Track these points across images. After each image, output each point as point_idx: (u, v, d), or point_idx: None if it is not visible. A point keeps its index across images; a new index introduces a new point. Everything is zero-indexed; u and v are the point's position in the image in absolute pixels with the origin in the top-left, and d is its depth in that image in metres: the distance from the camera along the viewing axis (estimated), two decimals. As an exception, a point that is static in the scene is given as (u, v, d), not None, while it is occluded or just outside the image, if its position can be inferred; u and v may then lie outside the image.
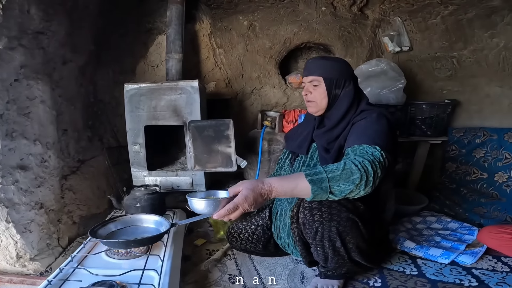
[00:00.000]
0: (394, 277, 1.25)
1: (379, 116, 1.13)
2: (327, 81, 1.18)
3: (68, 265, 1.08)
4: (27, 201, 1.34)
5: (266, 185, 0.95)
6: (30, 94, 1.34)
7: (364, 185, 0.93)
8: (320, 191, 0.93)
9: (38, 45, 1.36)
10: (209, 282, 1.25)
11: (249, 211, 0.96)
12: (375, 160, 0.97)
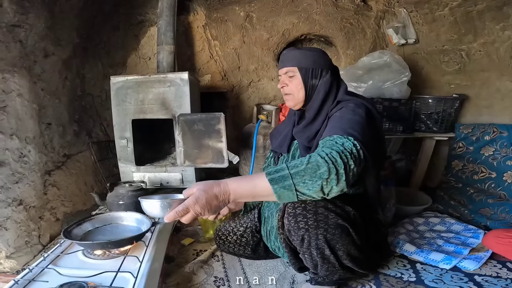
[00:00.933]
0: (391, 283, 1.16)
1: (357, 105, 1.03)
2: (302, 71, 1.11)
3: (39, 265, 1.02)
4: (3, 198, 1.29)
5: (222, 187, 0.86)
6: (6, 88, 1.29)
7: (336, 180, 0.82)
8: (284, 191, 0.83)
9: (14, 38, 1.31)
10: (192, 284, 1.18)
11: (217, 215, 0.92)
12: (346, 150, 0.86)
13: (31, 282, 0.93)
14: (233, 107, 2.42)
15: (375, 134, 1.02)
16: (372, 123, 1.02)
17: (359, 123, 0.97)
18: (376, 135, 1.02)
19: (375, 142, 0.98)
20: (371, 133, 0.99)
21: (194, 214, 0.85)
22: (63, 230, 1.11)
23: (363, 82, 1.84)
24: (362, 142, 0.90)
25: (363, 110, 1.01)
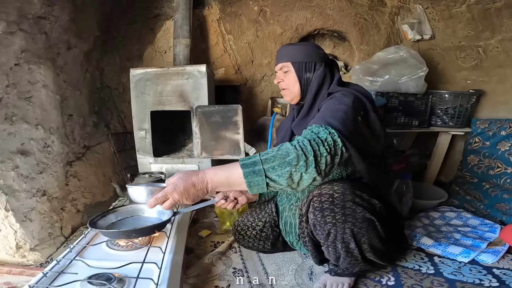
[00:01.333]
0: (409, 275, 1.17)
1: (344, 95, 1.03)
2: (295, 66, 1.13)
3: (66, 257, 1.01)
4: (28, 188, 1.30)
5: (200, 176, 0.88)
6: (32, 79, 1.30)
7: (305, 167, 0.82)
8: (253, 175, 0.84)
9: (40, 30, 1.33)
10: (212, 276, 1.20)
11: (196, 203, 0.93)
12: (318, 138, 0.86)
13: (60, 275, 0.92)
14: (246, 101, 2.43)
15: (366, 120, 1.01)
16: (363, 110, 1.01)
17: (342, 110, 0.96)
18: (367, 121, 1.02)
19: (365, 128, 0.98)
20: (361, 119, 0.98)
21: (173, 201, 0.88)
22: (89, 221, 1.10)
23: (379, 77, 1.84)
24: (340, 131, 0.89)
25: (349, 99, 1.00)
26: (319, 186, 1.01)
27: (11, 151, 1.23)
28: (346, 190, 0.97)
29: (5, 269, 1.21)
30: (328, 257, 1.08)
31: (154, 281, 0.89)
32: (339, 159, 0.89)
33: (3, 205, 1.19)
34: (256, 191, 0.87)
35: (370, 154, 1.02)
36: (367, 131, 0.99)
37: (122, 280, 0.90)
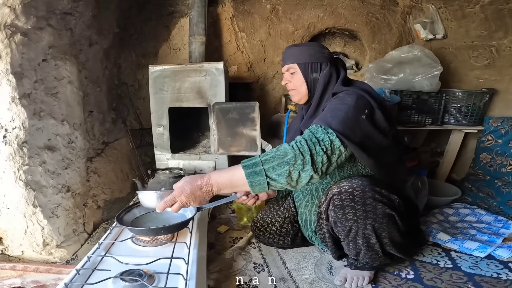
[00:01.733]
0: (428, 269, 1.20)
1: (347, 94, 1.05)
2: (301, 66, 1.16)
3: (95, 253, 1.03)
4: (54, 184, 1.31)
5: (205, 179, 0.94)
6: (58, 75, 1.32)
7: (302, 165, 0.88)
8: (255, 176, 0.89)
9: (66, 26, 1.34)
10: (234, 271, 1.22)
11: (202, 206, 0.99)
12: (315, 138, 0.91)
13: (94, 272, 0.92)
14: (258, 98, 2.44)
15: (372, 117, 1.02)
16: (367, 108, 1.02)
17: (343, 110, 0.99)
18: (372, 118, 1.03)
19: (371, 126, 1.00)
20: (365, 117, 1.00)
21: (180, 204, 0.93)
22: (116, 216, 1.13)
23: (393, 75, 1.86)
24: (339, 130, 0.93)
25: (352, 98, 1.02)
26: (338, 184, 1.03)
27: (39, 146, 1.24)
28: (365, 187, 0.99)
29: (32, 267, 1.19)
30: (348, 252, 1.11)
31: (183, 276, 0.90)
32: (336, 157, 0.93)
33: (31, 201, 1.20)
34: (258, 190, 0.92)
35: (379, 151, 1.03)
36: (373, 129, 1.01)
37: (152, 276, 0.91)
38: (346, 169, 1.12)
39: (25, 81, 1.15)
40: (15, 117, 1.09)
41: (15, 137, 1.11)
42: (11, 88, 1.07)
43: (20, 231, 1.22)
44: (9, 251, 1.27)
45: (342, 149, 0.93)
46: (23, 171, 1.15)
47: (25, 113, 1.12)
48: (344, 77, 1.15)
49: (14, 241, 1.25)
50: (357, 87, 1.11)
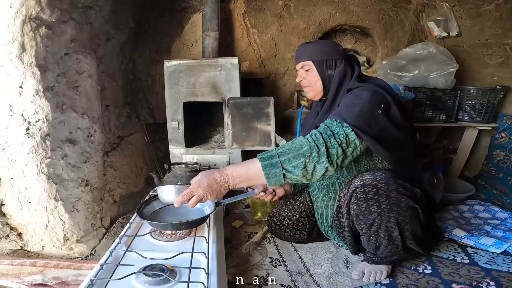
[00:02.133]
0: (445, 264, 1.21)
1: (362, 89, 1.07)
2: (316, 64, 1.17)
3: (117, 248, 1.03)
4: (75, 177, 1.30)
5: (222, 172, 0.96)
6: (79, 68, 1.33)
7: (317, 157, 0.90)
8: (271, 168, 0.91)
9: (87, 20, 1.35)
10: (250, 265, 1.22)
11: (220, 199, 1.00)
12: (330, 131, 0.93)
13: (118, 267, 0.92)
14: (269, 94, 2.43)
15: (387, 112, 1.03)
16: (383, 103, 1.03)
17: (358, 105, 1.00)
18: (388, 113, 1.04)
19: (387, 120, 1.01)
20: (381, 112, 1.01)
21: (198, 197, 0.95)
22: (137, 210, 1.13)
23: (407, 72, 1.88)
24: (354, 124, 0.94)
25: (367, 93, 1.04)
26: (360, 177, 1.04)
27: (60, 139, 1.25)
28: (389, 179, 1.00)
29: (52, 263, 1.18)
30: (367, 247, 1.11)
31: (205, 270, 0.91)
32: (352, 151, 0.94)
33: (52, 195, 1.19)
34: (274, 183, 0.92)
35: (396, 144, 1.04)
36: (389, 123, 1.02)
37: (174, 270, 0.91)
38: (363, 163, 1.13)
39: (49, 74, 1.16)
40: (38, 110, 1.10)
41: (38, 130, 1.12)
42: (35, 80, 1.08)
43: (41, 225, 1.21)
44: (28, 246, 1.26)
45: (357, 142, 0.95)
46: (46, 164, 1.15)
47: (49, 106, 1.13)
48: (358, 74, 1.16)
49: (34, 237, 1.24)
50: (372, 83, 1.12)
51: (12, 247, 1.22)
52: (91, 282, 0.84)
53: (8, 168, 1.15)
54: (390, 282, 1.10)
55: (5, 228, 1.21)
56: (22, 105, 1.09)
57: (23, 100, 1.08)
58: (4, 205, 1.22)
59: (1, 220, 1.20)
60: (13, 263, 1.14)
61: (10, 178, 1.16)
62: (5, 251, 1.22)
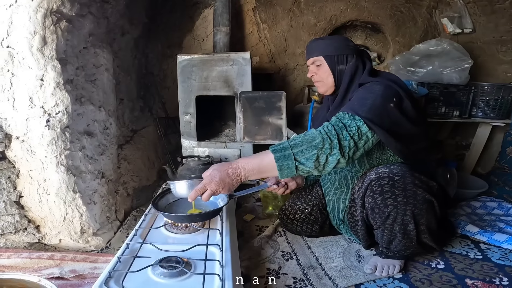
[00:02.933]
0: (458, 260, 1.21)
1: (374, 83, 1.07)
2: (327, 59, 1.17)
3: (133, 240, 1.04)
4: (92, 170, 1.31)
5: (233, 165, 0.96)
6: (96, 62, 1.35)
7: (329, 149, 0.91)
8: (284, 159, 0.92)
9: (104, 14, 1.37)
10: (262, 258, 1.23)
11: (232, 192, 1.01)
12: (342, 124, 0.94)
13: (135, 259, 0.93)
14: (279, 89, 2.44)
15: (400, 106, 1.03)
16: (395, 97, 1.03)
17: (370, 98, 1.01)
18: (400, 107, 1.04)
19: (399, 114, 1.01)
20: (393, 106, 1.01)
21: (211, 192, 0.96)
22: (152, 202, 1.15)
23: (420, 68, 1.88)
24: (366, 117, 0.95)
25: (379, 87, 1.04)
26: (375, 170, 1.04)
27: (79, 131, 1.27)
28: (405, 172, 1.00)
29: (69, 256, 1.17)
30: (380, 241, 1.11)
31: (220, 263, 0.92)
32: (363, 143, 0.95)
33: (71, 187, 1.20)
34: (286, 174, 0.93)
35: (408, 138, 1.04)
36: (401, 117, 1.02)
37: (189, 263, 0.92)
38: (375, 156, 1.13)
39: (69, 67, 1.18)
40: (59, 102, 1.12)
41: (58, 122, 1.13)
42: (56, 73, 1.10)
43: (59, 218, 1.21)
44: (46, 239, 1.26)
45: (369, 135, 0.96)
46: (65, 156, 1.17)
47: (69, 98, 1.15)
48: (370, 69, 1.17)
49: (52, 229, 1.23)
50: (384, 77, 1.12)
51: (30, 240, 1.23)
52: (109, 275, 0.85)
53: (28, 159, 1.17)
54: (403, 276, 1.10)
55: (23, 221, 1.21)
56: (42, 98, 1.11)
57: (43, 92, 1.10)
58: (23, 197, 1.21)
59: (19, 213, 1.20)
60: (31, 256, 1.14)
61: (29, 170, 1.18)
62: (22, 244, 1.22)
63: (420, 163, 1.11)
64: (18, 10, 1.03)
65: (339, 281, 1.07)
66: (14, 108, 1.11)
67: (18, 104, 1.11)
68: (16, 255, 1.13)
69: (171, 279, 0.86)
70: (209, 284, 0.85)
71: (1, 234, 1.16)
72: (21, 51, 1.06)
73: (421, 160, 1.13)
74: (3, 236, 1.18)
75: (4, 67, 1.08)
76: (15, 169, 1.19)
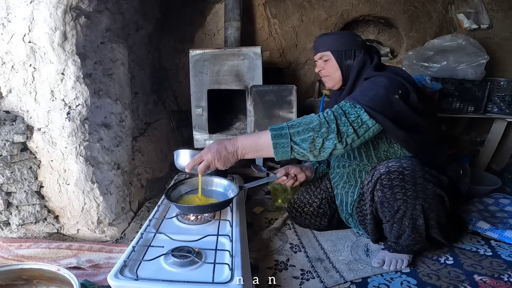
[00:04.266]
0: (467, 256, 1.20)
1: (378, 76, 1.07)
2: (335, 54, 1.17)
3: (146, 230, 1.06)
4: (109, 160, 1.35)
5: (232, 140, 0.99)
6: (113, 57, 1.39)
7: (326, 133, 0.92)
8: (280, 138, 0.94)
9: (119, 10, 1.40)
10: (271, 250, 1.25)
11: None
12: (341, 110, 0.96)
13: (149, 248, 0.96)
14: (289, 83, 2.45)
15: (406, 99, 1.03)
16: (401, 89, 1.02)
17: (373, 89, 1.01)
18: (406, 100, 1.03)
19: (405, 106, 1.01)
20: (398, 97, 1.01)
21: (206, 162, 0.99)
22: (165, 193, 1.17)
23: (435, 63, 1.87)
24: (368, 105, 0.95)
25: (383, 80, 1.04)
26: (386, 164, 1.04)
27: (97, 123, 1.31)
28: (416, 166, 1.00)
29: (86, 246, 1.19)
30: (389, 235, 1.11)
31: (230, 253, 0.94)
32: (363, 131, 0.96)
33: (89, 177, 1.23)
34: (281, 154, 0.95)
35: (414, 129, 1.04)
36: (407, 108, 1.01)
37: (199, 252, 0.95)
38: (382, 150, 1.13)
39: (88, 62, 1.22)
40: (79, 95, 1.16)
41: (78, 114, 1.18)
42: (76, 68, 1.14)
43: (78, 208, 1.25)
44: (64, 229, 1.29)
45: (370, 124, 0.96)
46: (84, 147, 1.22)
47: (88, 92, 1.19)
48: (376, 63, 1.16)
49: (70, 219, 1.27)
50: (390, 71, 1.12)
51: (49, 230, 1.26)
52: (124, 263, 0.88)
53: (48, 150, 1.21)
54: (410, 271, 1.10)
55: (43, 211, 1.25)
56: (63, 91, 1.15)
57: (64, 86, 1.15)
58: (43, 187, 1.25)
59: (39, 203, 1.23)
60: (50, 246, 1.16)
61: (50, 160, 1.22)
62: (42, 234, 1.25)
63: (431, 158, 1.11)
64: (39, 6, 1.07)
65: (346, 274, 1.09)
66: (36, 101, 1.16)
67: (39, 97, 1.16)
68: (35, 245, 1.16)
69: (183, 268, 0.89)
70: (219, 273, 0.87)
71: (22, 224, 1.20)
72: (43, 46, 1.11)
73: (432, 155, 1.12)
74: (24, 226, 1.21)
75: (26, 62, 1.13)
76: (36, 160, 1.23)
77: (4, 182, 1.15)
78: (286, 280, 1.08)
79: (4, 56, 1.14)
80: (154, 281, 0.84)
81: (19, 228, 1.21)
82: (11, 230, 1.19)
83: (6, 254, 1.11)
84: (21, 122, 1.17)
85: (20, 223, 1.19)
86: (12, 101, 1.18)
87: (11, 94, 1.18)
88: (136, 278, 0.84)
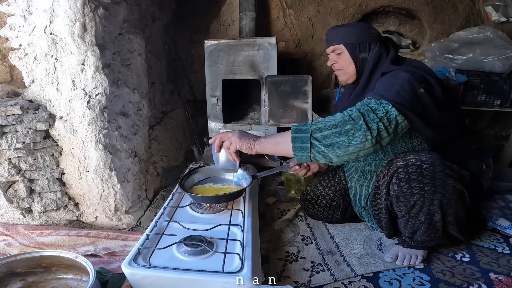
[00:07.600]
0: (485, 254, 1.17)
1: (399, 71, 1.03)
2: (348, 47, 1.13)
3: (161, 218, 1.09)
4: (126, 148, 1.38)
5: (256, 136, 1.04)
6: (131, 47, 1.42)
7: (352, 129, 0.87)
8: (300, 132, 0.92)
9: (136, 1, 1.42)
10: (282, 242, 1.25)
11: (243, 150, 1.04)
12: (368, 107, 0.91)
13: (162, 236, 0.98)
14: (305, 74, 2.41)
15: (430, 93, 0.99)
16: (424, 83, 0.99)
17: (396, 84, 0.96)
18: (430, 93, 0.99)
19: (430, 100, 0.97)
20: (423, 91, 0.97)
21: (221, 138, 1.07)
22: (179, 182, 1.20)
23: (460, 55, 1.83)
24: (395, 101, 0.91)
25: (405, 73, 1.00)
26: (404, 157, 1.01)
27: (115, 112, 1.35)
28: (435, 160, 0.96)
29: (103, 234, 1.20)
30: (403, 230, 1.09)
31: (241, 243, 0.96)
32: (393, 128, 0.91)
33: (108, 165, 1.26)
34: (299, 150, 0.92)
35: (439, 125, 1.01)
36: (431, 102, 0.97)
37: (211, 242, 0.97)
38: (400, 145, 1.10)
39: (106, 53, 1.25)
40: (98, 85, 1.20)
41: (97, 103, 1.22)
42: (95, 58, 1.18)
43: (96, 195, 1.28)
44: (83, 217, 1.31)
45: (399, 119, 0.92)
46: (103, 135, 1.26)
47: (107, 81, 1.22)
48: (393, 57, 1.11)
49: (89, 207, 1.30)
50: (409, 65, 1.08)
51: (69, 218, 1.29)
52: (138, 251, 0.91)
53: (70, 138, 1.26)
54: (424, 267, 1.08)
55: (64, 198, 1.28)
56: (84, 80, 1.19)
57: (84, 76, 1.18)
58: (65, 174, 1.28)
59: (61, 190, 1.26)
60: (69, 233, 1.18)
61: (71, 148, 1.27)
62: (62, 221, 1.29)
63: (453, 151, 1.07)
64: (59, -2, 1.10)
65: (357, 268, 1.08)
66: (58, 90, 1.21)
67: (61, 86, 1.20)
68: (56, 233, 1.19)
69: (194, 257, 0.91)
70: (229, 262, 0.89)
71: (43, 211, 1.23)
72: (64, 37, 1.14)
73: (454, 148, 1.09)
74: (45, 213, 1.24)
75: (48, 53, 1.17)
76: (58, 147, 1.28)
77: (27, 169, 1.20)
78: (296, 272, 1.08)
79: (27, 48, 1.18)
80: (166, 270, 0.86)
81: (41, 215, 1.25)
82: (33, 217, 1.24)
83: (27, 242, 1.14)
84: (44, 110, 1.22)
85: (42, 210, 1.24)
86: (35, 90, 1.23)
87: (34, 84, 1.22)
88: (149, 266, 0.87)
